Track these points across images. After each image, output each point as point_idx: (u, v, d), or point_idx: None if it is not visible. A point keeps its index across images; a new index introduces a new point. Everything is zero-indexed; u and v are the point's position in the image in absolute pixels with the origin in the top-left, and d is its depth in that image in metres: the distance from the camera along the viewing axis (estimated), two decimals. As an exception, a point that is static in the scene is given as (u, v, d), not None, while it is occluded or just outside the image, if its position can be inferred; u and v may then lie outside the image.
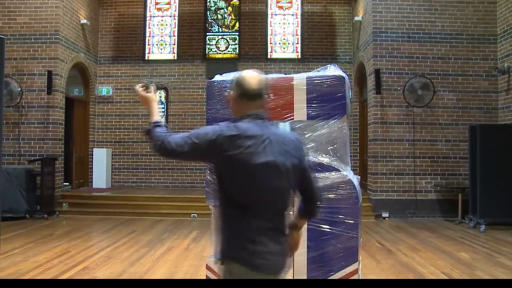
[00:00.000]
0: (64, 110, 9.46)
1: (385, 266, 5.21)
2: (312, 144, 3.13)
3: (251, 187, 1.87)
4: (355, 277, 3.04)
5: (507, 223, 7.44)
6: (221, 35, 11.36)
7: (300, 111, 3.13)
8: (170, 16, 11.39)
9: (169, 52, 11.32)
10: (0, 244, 3.39)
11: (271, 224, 1.89)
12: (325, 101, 3.12)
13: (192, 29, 11.25)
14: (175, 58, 11.25)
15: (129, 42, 11.24)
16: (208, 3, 11.39)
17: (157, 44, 11.35)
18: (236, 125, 1.90)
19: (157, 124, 2.01)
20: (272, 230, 1.89)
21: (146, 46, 11.31)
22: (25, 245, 6.07)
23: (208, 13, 11.38)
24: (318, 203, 2.16)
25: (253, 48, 11.14)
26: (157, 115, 2.11)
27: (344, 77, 3.19)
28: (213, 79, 3.31)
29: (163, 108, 11.22)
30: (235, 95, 2.00)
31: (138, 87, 2.21)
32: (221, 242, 1.93)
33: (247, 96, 1.96)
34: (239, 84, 1.99)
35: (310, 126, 3.14)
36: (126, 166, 10.99)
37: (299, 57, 11.16)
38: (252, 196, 1.87)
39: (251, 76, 1.99)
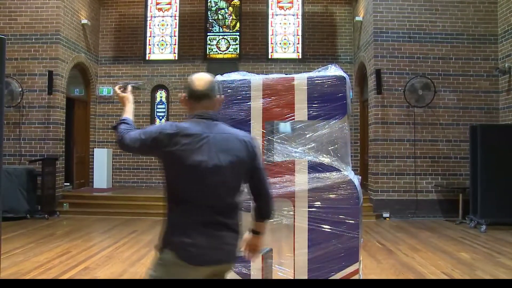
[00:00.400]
0: (65, 110, 9.47)
1: (386, 266, 5.22)
2: (313, 144, 3.13)
3: (185, 182, 1.99)
4: (356, 277, 3.04)
5: (507, 223, 7.44)
6: (222, 35, 11.37)
7: (301, 111, 3.13)
8: (171, 16, 11.40)
9: (170, 52, 11.33)
10: (1, 244, 3.39)
11: (203, 219, 1.98)
12: (326, 101, 3.12)
13: (193, 29, 11.26)
14: (176, 58, 11.26)
15: (130, 42, 11.25)
16: (209, 3, 11.40)
17: (157, 44, 11.36)
18: (178, 124, 2.05)
19: (123, 121, 2.21)
20: (204, 225, 1.98)
21: (147, 46, 11.32)
22: (26, 245, 6.08)
23: (209, 13, 11.39)
24: (270, 203, 2.21)
25: (254, 48, 11.15)
26: (128, 113, 2.31)
27: (345, 77, 3.19)
28: (214, 79, 3.31)
29: (164, 108, 11.24)
30: (186, 96, 2.14)
31: (117, 88, 2.43)
32: (162, 231, 2.05)
33: (194, 97, 2.10)
34: (188, 86, 2.13)
35: (311, 126, 3.14)
36: (127, 166, 11.00)
37: (300, 57, 11.16)
38: (186, 191, 1.99)
39: (199, 78, 2.11)
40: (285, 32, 11.27)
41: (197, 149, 1.97)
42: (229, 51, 11.33)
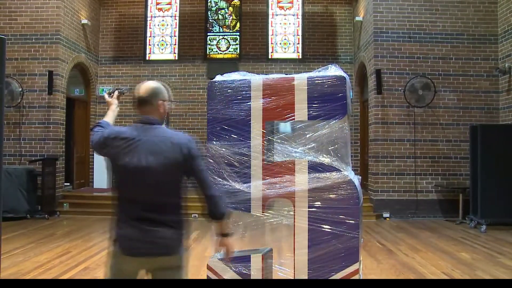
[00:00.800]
0: (65, 110, 9.48)
1: (386, 266, 5.22)
2: (313, 144, 3.12)
3: (120, 181, 2.27)
4: (356, 277, 3.04)
5: (508, 223, 7.44)
6: (222, 35, 11.36)
7: (301, 111, 3.13)
8: (171, 16, 11.40)
9: (170, 52, 11.33)
10: (1, 244, 3.39)
11: (136, 214, 2.19)
12: (326, 101, 3.11)
13: (193, 29, 11.26)
14: (176, 58, 11.26)
15: (130, 42, 11.25)
16: (209, 3, 11.40)
17: (158, 44, 11.36)
18: (119, 129, 2.31)
19: (97, 124, 2.45)
20: (137, 220, 2.18)
21: (147, 46, 11.32)
22: (26, 245, 6.08)
23: (209, 13, 11.39)
24: (215, 204, 2.30)
25: (254, 48, 11.15)
26: (107, 117, 2.57)
27: (345, 77, 3.18)
28: (214, 79, 3.31)
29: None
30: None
31: (106, 94, 2.71)
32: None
33: (137, 103, 2.33)
34: (134, 93, 2.35)
35: (311, 126, 3.13)
36: (127, 166, 10.97)
37: (300, 57, 11.16)
38: (122, 189, 2.27)
39: (142, 86, 2.33)
40: (285, 32, 11.27)
41: (127, 151, 2.19)
42: (229, 51, 11.33)
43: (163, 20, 11.41)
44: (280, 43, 11.25)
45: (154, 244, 2.18)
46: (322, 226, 3.06)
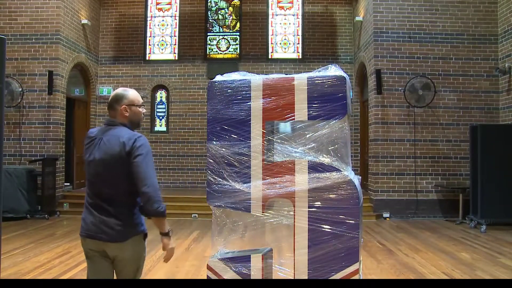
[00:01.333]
0: (65, 110, 9.48)
1: (386, 266, 5.22)
2: (313, 144, 3.12)
3: (86, 174, 2.64)
4: (356, 277, 3.04)
5: (508, 223, 7.44)
6: (222, 35, 11.37)
7: (301, 111, 3.13)
8: (171, 16, 11.40)
9: (170, 52, 11.33)
10: (1, 244, 3.40)
11: (92, 202, 2.56)
12: (326, 101, 3.11)
13: (193, 29, 11.26)
14: (176, 58, 11.26)
15: (130, 42, 11.25)
16: (209, 3, 11.40)
17: (158, 44, 11.36)
18: (92, 130, 2.66)
19: None
20: (92, 206, 2.55)
21: (147, 46, 11.32)
22: (26, 245, 6.08)
23: (209, 13, 11.39)
24: (146, 201, 2.40)
25: (254, 48, 11.15)
26: None
27: (345, 77, 3.18)
28: (214, 79, 3.31)
29: (164, 108, 11.24)
30: None
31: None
32: None
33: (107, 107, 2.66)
34: None
35: (311, 126, 3.13)
36: (127, 166, 10.97)
37: (300, 57, 11.16)
38: (86, 181, 2.64)
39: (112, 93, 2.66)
40: (285, 32, 11.27)
41: (88, 148, 2.57)
42: (229, 51, 11.33)
43: (163, 20, 11.41)
44: (280, 43, 11.26)
45: (101, 230, 2.47)
46: (322, 226, 3.06)
